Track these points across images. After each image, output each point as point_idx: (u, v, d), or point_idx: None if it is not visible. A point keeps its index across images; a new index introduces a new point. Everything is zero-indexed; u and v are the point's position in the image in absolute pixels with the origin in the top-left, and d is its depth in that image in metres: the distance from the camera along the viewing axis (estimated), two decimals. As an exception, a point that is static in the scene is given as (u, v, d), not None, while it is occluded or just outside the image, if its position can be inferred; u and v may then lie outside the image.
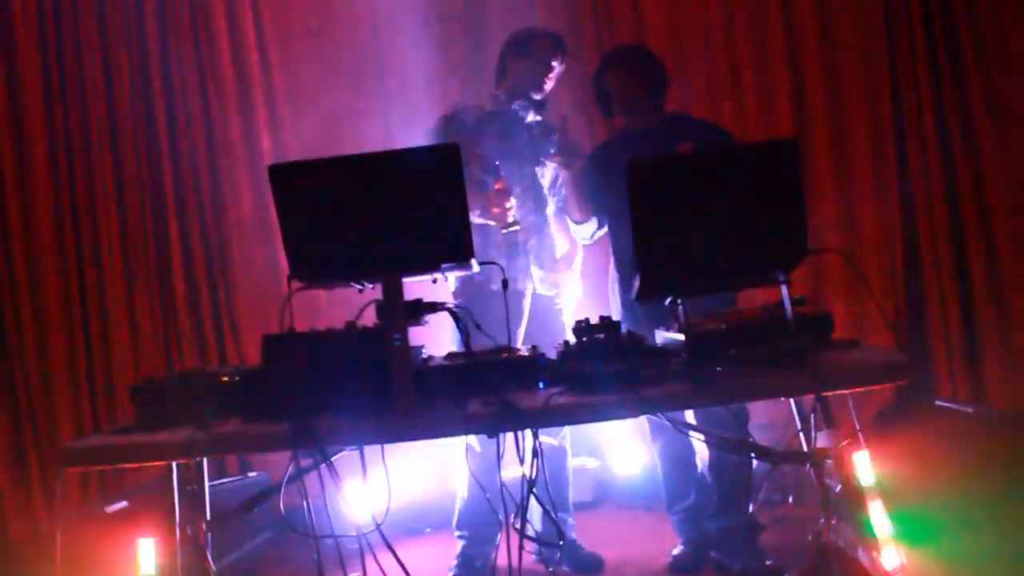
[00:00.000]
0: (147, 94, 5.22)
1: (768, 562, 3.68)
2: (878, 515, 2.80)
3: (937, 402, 4.36)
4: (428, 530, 4.71)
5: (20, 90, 5.09)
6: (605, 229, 3.97)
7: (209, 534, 2.83)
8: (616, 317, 3.71)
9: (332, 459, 2.55)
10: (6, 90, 5.08)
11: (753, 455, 3.27)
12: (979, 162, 4.92)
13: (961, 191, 4.94)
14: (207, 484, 2.85)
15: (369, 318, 2.65)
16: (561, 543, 3.82)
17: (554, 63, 4.00)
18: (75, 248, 5.14)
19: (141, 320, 5.18)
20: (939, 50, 4.97)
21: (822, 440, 2.86)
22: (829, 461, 2.86)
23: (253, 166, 5.24)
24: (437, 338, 3.28)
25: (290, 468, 2.59)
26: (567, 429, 4.10)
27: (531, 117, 4.00)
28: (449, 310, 2.71)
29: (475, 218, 3.71)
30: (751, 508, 3.87)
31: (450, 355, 2.86)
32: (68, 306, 5.11)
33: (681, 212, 2.69)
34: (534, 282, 3.96)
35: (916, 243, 5.03)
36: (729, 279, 2.95)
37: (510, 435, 2.49)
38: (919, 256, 5.02)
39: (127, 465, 2.58)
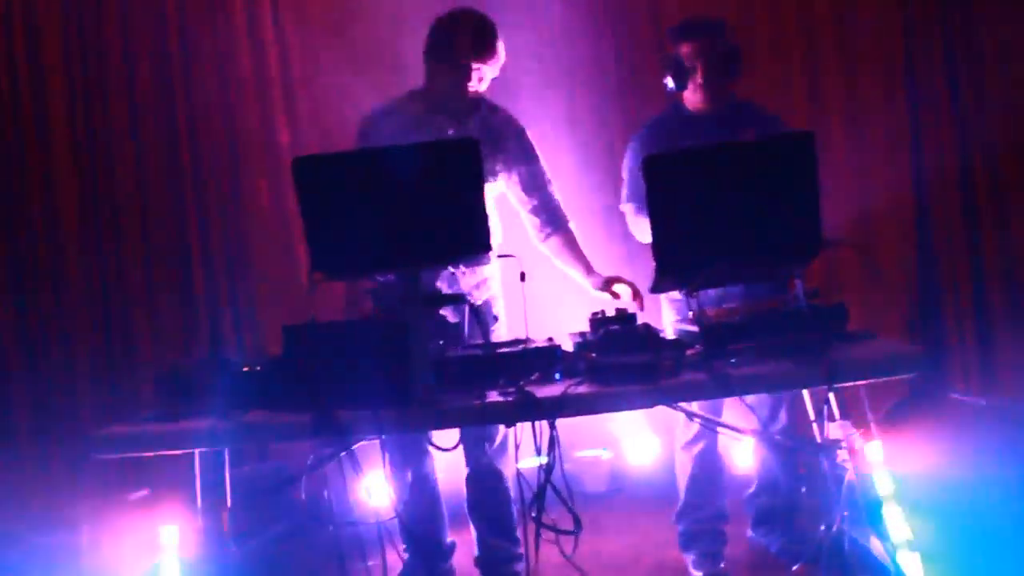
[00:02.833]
0: (167, 87, 5.24)
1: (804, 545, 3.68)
2: (890, 505, 2.83)
3: (951, 395, 4.38)
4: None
5: (43, 79, 5.12)
6: None
7: (230, 521, 2.88)
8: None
9: (352, 448, 2.60)
10: (29, 84, 5.12)
11: (767, 445, 3.31)
12: (995, 156, 4.92)
13: (977, 187, 4.95)
14: (228, 472, 2.89)
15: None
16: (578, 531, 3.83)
17: (477, 66, 3.47)
18: (95, 240, 5.18)
19: (160, 313, 5.22)
20: (957, 47, 4.97)
21: (835, 431, 2.90)
22: (842, 452, 2.90)
23: (272, 159, 5.27)
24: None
25: (311, 457, 2.63)
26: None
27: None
28: (468, 303, 2.75)
29: None
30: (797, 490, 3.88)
31: (468, 346, 2.90)
32: (89, 298, 5.14)
33: (697, 205, 2.72)
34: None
35: (930, 236, 5.04)
36: (744, 271, 2.98)
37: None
38: (934, 249, 5.03)
39: (151, 453, 2.61)
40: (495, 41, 3.50)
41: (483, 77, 3.51)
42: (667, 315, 3.80)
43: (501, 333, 3.66)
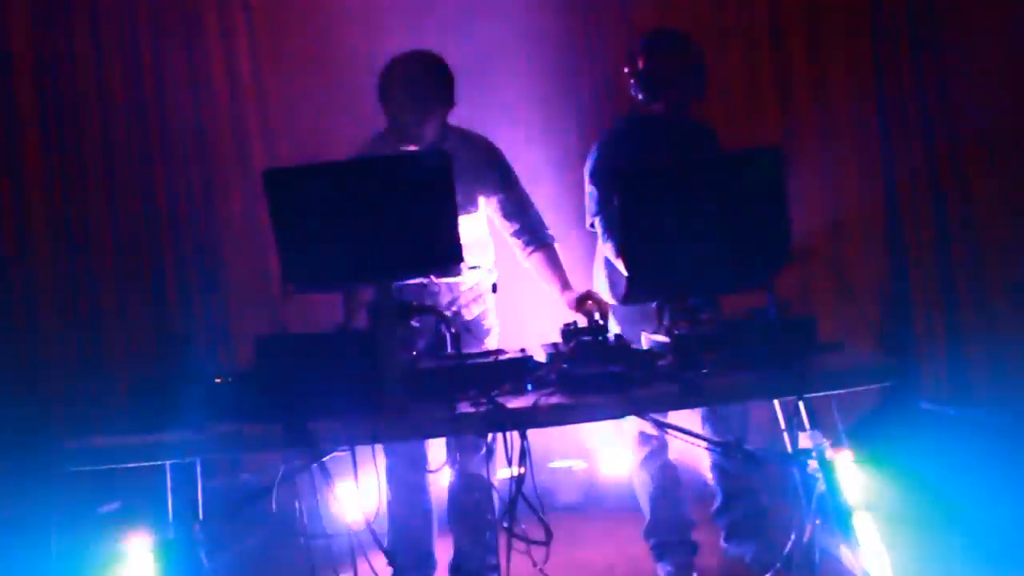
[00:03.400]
0: (140, 102, 5.22)
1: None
2: (860, 515, 2.85)
3: (922, 404, 4.42)
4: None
5: (13, 92, 5.10)
6: None
7: (202, 534, 2.86)
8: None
9: (324, 460, 2.59)
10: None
11: (738, 456, 3.31)
12: (965, 164, 4.96)
13: (948, 196, 4.99)
14: (199, 485, 2.88)
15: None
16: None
17: (413, 109, 3.40)
18: (66, 251, 5.15)
19: (133, 324, 5.19)
20: (924, 50, 5.02)
21: (805, 441, 2.92)
22: (812, 462, 2.92)
23: (245, 172, 5.25)
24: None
25: (282, 469, 2.63)
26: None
27: None
28: (437, 313, 2.75)
29: None
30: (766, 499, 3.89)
31: (440, 357, 2.90)
32: (60, 310, 5.11)
33: (668, 217, 2.74)
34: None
35: (901, 246, 5.08)
36: (715, 283, 3.00)
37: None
38: (904, 259, 5.07)
39: (122, 466, 2.60)
40: (422, 86, 3.44)
41: (427, 119, 3.45)
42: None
43: (493, 345, 3.68)
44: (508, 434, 2.52)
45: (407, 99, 3.40)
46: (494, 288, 3.40)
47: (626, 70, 3.78)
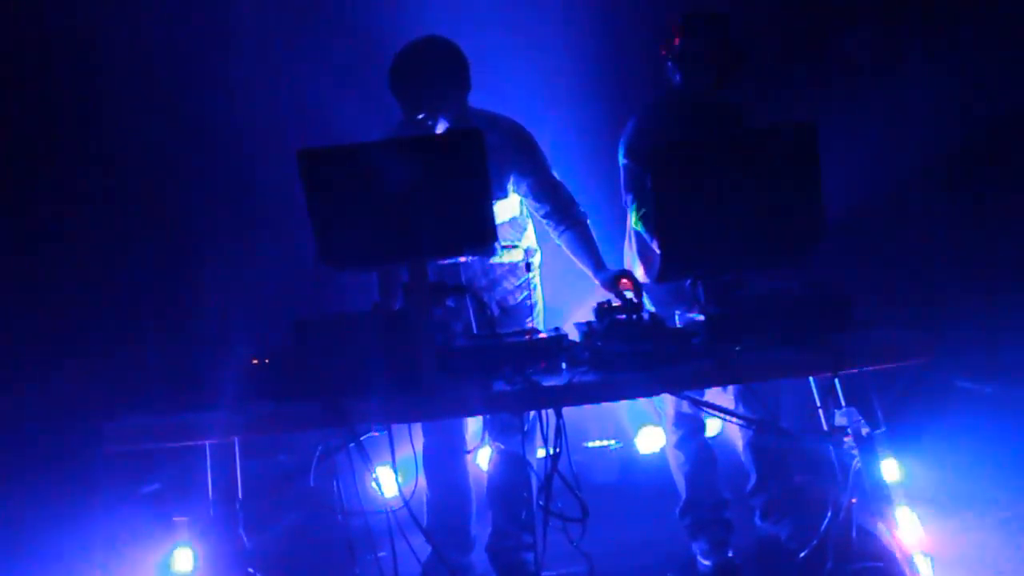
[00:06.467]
0: (174, 80, 5.24)
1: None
2: (897, 491, 2.84)
3: (957, 382, 4.39)
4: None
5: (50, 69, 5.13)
6: None
7: (242, 513, 2.90)
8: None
9: (361, 439, 2.62)
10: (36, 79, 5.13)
11: (774, 434, 3.32)
12: (1001, 140, 4.90)
13: (983, 173, 4.94)
14: (238, 464, 2.91)
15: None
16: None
17: (411, 100, 3.34)
18: (104, 234, 5.19)
19: (170, 305, 5.23)
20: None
21: (841, 419, 2.91)
22: (848, 439, 2.91)
23: (279, 152, 5.26)
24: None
25: (320, 448, 2.65)
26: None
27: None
28: (472, 294, 2.76)
29: None
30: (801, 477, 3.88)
31: (475, 336, 2.92)
32: (99, 292, 5.16)
33: (702, 194, 2.73)
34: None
35: (938, 222, 5.04)
36: (749, 260, 2.99)
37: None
38: (938, 236, 5.03)
39: (162, 445, 2.63)
40: (428, 85, 3.35)
41: (439, 115, 3.38)
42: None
43: (538, 323, 3.68)
44: (544, 413, 2.54)
45: (415, 99, 3.34)
46: (528, 267, 3.41)
47: (662, 51, 3.76)
